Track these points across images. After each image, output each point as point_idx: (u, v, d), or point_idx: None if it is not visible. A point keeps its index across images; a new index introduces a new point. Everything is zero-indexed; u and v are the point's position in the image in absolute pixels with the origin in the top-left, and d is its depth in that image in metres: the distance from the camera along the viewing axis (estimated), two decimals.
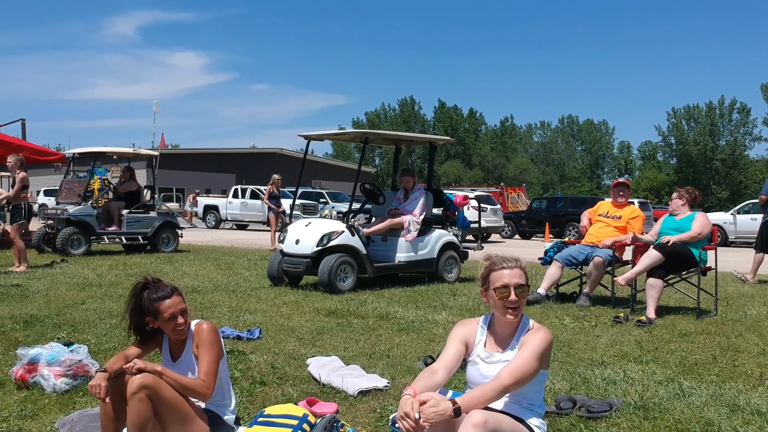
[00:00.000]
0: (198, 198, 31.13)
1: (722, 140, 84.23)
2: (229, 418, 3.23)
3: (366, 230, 7.91)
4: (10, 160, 9.70)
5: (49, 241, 12.51)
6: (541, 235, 26.06)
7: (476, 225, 9.41)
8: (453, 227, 8.96)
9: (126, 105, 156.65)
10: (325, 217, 8.34)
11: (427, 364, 4.11)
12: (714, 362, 4.43)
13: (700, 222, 6.39)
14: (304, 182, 63.71)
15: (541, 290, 6.97)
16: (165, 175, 53.20)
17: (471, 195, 23.48)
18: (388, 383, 3.86)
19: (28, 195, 9.99)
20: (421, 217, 8.26)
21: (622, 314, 6.09)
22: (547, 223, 26.04)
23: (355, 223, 7.96)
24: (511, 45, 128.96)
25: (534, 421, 2.58)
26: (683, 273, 6.42)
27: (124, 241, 12.95)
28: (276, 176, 16.03)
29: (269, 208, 16.52)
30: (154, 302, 3.04)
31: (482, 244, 9.58)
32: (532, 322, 2.73)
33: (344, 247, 7.58)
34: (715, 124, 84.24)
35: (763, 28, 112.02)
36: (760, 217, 24.45)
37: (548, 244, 7.58)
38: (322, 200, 30.48)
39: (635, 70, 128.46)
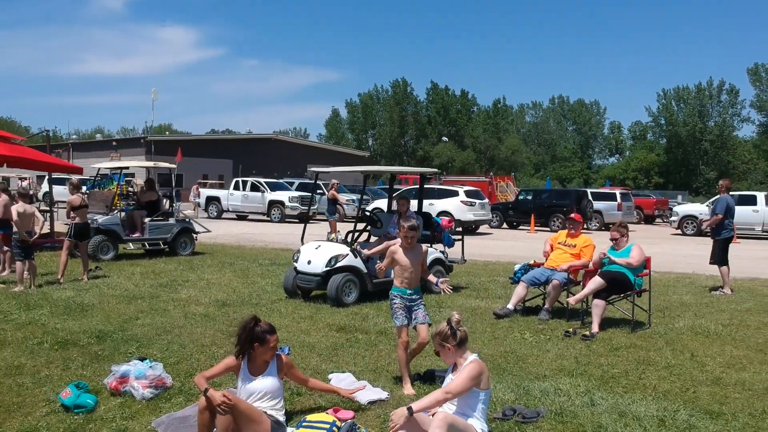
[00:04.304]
0: (200, 189, 32.52)
1: (711, 121, 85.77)
2: (282, 419, 4.81)
3: (366, 252, 9.46)
4: (71, 182, 11.28)
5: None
6: (527, 226, 27.63)
7: (459, 240, 10.96)
8: (440, 245, 10.54)
9: (116, 80, 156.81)
10: (331, 241, 9.86)
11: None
12: (625, 376, 6.03)
13: (637, 252, 7.98)
14: (300, 172, 64.90)
15: (510, 306, 8.55)
16: (161, 161, 54.29)
17: (461, 189, 25.02)
18: (389, 395, 5.44)
19: (72, 216, 11.39)
20: None
21: (571, 329, 7.69)
22: (533, 215, 27.61)
23: (357, 247, 9.50)
24: (503, 26, 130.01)
25: (477, 424, 4.16)
26: (621, 295, 8.01)
27: (147, 246, 14.50)
28: (335, 181, 17.11)
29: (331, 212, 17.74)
30: (265, 334, 4.65)
31: (465, 259, 11.17)
32: (473, 357, 4.26)
33: (348, 267, 9.15)
34: (704, 105, 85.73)
35: (751, 12, 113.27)
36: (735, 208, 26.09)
37: (517, 266, 9.14)
38: (319, 191, 31.96)
39: (627, 51, 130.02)
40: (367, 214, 10.22)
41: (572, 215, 8.92)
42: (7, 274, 11.51)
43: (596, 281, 7.80)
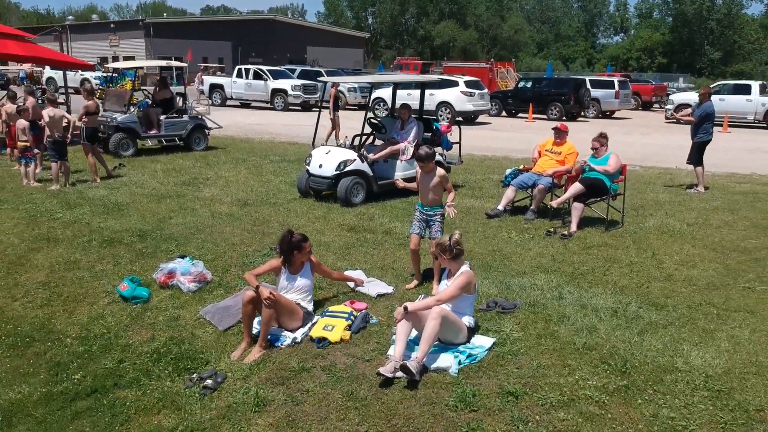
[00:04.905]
0: (204, 77, 32.84)
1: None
2: (311, 310, 5.99)
3: (372, 156, 10.42)
4: (85, 88, 12.00)
5: (100, 143, 14.95)
6: (525, 114, 28.30)
7: (457, 144, 11.88)
8: (439, 148, 11.46)
9: None
10: (340, 146, 10.77)
11: None
12: (592, 272, 7.17)
13: (614, 161, 8.94)
14: (300, 55, 64.05)
15: (500, 207, 9.61)
16: (160, 45, 53.92)
17: (461, 80, 25.48)
18: (394, 289, 6.60)
19: (85, 120, 12.13)
20: (415, 142, 10.72)
21: (552, 228, 8.79)
22: (531, 103, 28.22)
23: (363, 152, 10.44)
24: None
25: (466, 320, 5.31)
26: (599, 198, 9.04)
27: (164, 143, 15.43)
28: (333, 90, 17.24)
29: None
30: (301, 243, 5.81)
31: (462, 160, 12.14)
32: (464, 268, 5.35)
33: (356, 171, 10.14)
34: None
35: None
36: (729, 97, 26.61)
37: (508, 171, 10.13)
38: (320, 78, 32.32)
39: None
40: (373, 122, 11.09)
41: (558, 125, 9.76)
42: (40, 172, 12.49)
43: (576, 187, 8.81)
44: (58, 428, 5.08)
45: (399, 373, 4.87)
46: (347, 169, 10.07)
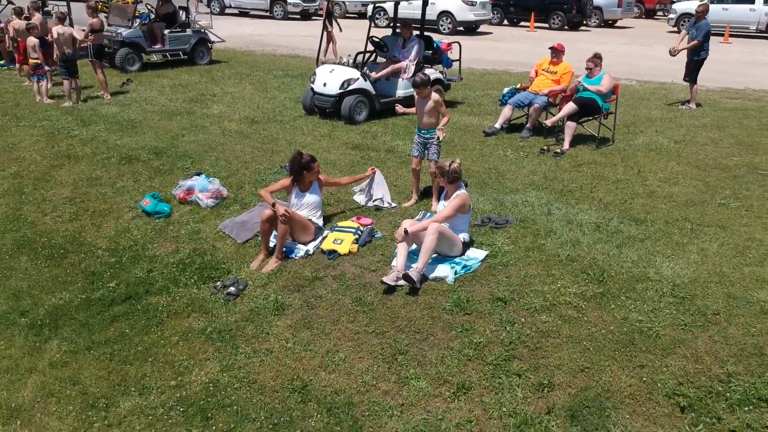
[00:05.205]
0: None
1: None
2: (321, 225, 6.58)
3: (374, 75, 10.76)
4: (89, 5, 12.14)
5: (107, 58, 15.17)
6: (527, 23, 28.06)
7: (457, 62, 12.17)
8: (439, 66, 11.78)
9: None
10: (343, 64, 11.08)
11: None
12: (580, 189, 7.71)
13: (607, 80, 9.32)
14: None
15: (497, 125, 10.05)
16: None
17: None
18: (397, 205, 7.17)
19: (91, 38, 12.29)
20: (416, 60, 11.03)
21: (546, 146, 9.28)
22: (533, 12, 27.94)
23: (366, 71, 10.77)
24: None
25: (462, 236, 5.91)
26: (591, 117, 9.47)
27: (169, 57, 15.65)
28: (326, 3, 17.03)
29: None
30: (311, 163, 6.33)
31: (461, 77, 12.45)
32: (460, 192, 5.89)
33: (359, 90, 10.51)
34: None
35: None
36: (732, 6, 26.15)
37: (505, 89, 10.50)
38: None
39: None
40: (375, 40, 11.34)
41: (555, 45, 10.06)
42: (51, 88, 12.80)
43: (570, 106, 9.23)
44: (99, 330, 5.77)
45: (401, 282, 5.51)
46: (350, 87, 10.44)
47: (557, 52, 9.98)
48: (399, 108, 7.46)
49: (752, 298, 5.24)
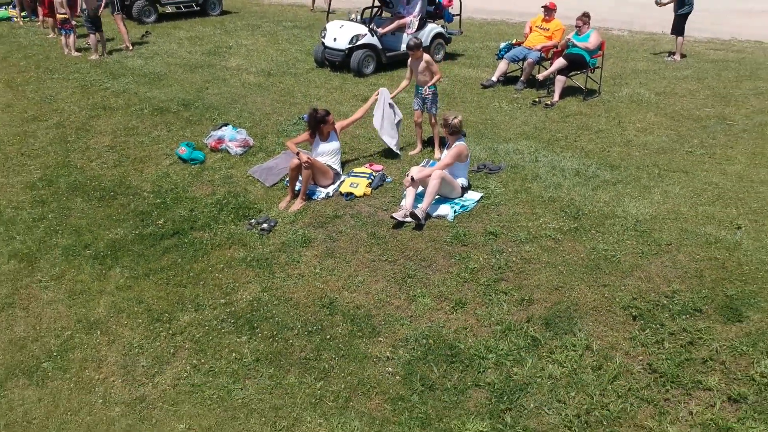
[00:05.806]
0: None
1: None
2: (340, 170, 7.61)
3: (381, 31, 11.61)
4: None
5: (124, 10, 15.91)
6: None
7: (457, 16, 12.97)
8: (441, 20, 12.60)
9: None
10: (352, 20, 11.90)
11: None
12: (565, 139, 8.71)
13: (594, 38, 10.20)
14: None
15: (494, 78, 10.96)
16: None
17: None
18: (400, 153, 8.19)
19: None
20: (419, 16, 11.86)
21: (538, 98, 10.22)
22: None
23: (373, 26, 11.61)
24: None
25: (460, 181, 6.95)
26: (580, 72, 10.39)
27: (182, 8, 16.39)
28: None
29: None
30: (326, 117, 7.31)
31: (461, 30, 13.27)
32: (459, 142, 6.89)
33: (367, 45, 11.38)
34: None
35: None
36: None
37: (502, 44, 11.36)
38: None
39: None
40: None
41: (547, 4, 10.87)
42: (77, 41, 13.60)
43: (560, 62, 10.14)
44: (154, 259, 6.87)
45: (408, 219, 6.58)
46: (359, 42, 11.31)
47: (549, 11, 10.81)
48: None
49: (701, 232, 6.29)
